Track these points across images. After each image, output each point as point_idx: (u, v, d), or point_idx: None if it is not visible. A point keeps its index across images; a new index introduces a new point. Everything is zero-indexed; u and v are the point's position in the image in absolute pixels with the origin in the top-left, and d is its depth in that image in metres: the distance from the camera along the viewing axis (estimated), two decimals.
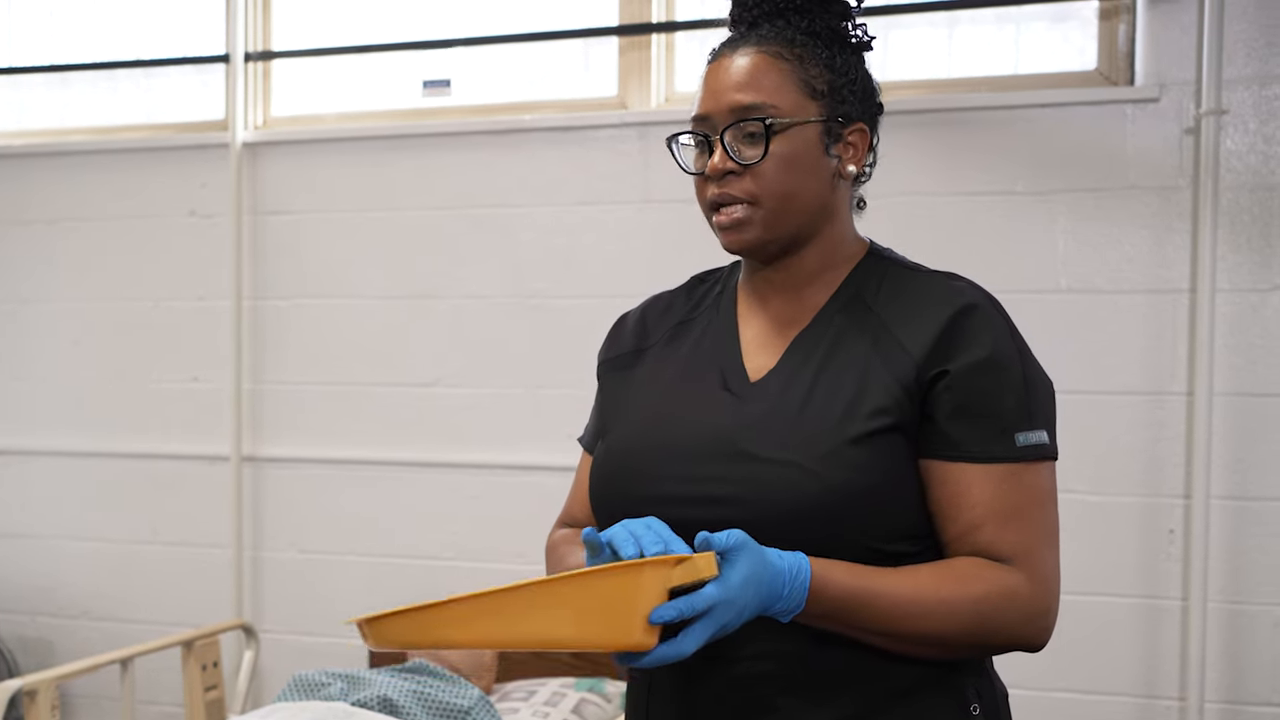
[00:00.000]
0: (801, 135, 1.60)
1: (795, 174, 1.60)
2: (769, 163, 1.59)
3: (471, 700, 2.89)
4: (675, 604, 1.33)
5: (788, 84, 1.60)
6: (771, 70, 1.61)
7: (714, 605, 1.35)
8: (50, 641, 4.30)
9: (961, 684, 1.60)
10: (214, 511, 4.12)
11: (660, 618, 1.32)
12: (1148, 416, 3.37)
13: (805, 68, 1.62)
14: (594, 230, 3.79)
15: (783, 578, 1.41)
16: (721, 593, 1.35)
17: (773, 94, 1.60)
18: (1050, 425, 1.61)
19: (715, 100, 1.62)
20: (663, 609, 1.32)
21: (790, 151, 1.60)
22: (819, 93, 1.61)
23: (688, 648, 1.35)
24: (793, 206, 1.61)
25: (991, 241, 3.47)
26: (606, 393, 1.82)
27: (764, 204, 1.60)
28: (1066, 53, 3.58)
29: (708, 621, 1.35)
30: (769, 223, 1.61)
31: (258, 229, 4.11)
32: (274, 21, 4.22)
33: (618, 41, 3.91)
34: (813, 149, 1.61)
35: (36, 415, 4.34)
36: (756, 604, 1.39)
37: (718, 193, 1.62)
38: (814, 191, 1.63)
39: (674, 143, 1.68)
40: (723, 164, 1.60)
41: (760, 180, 1.60)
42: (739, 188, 1.60)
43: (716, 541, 1.37)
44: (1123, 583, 3.40)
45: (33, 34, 4.52)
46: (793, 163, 1.60)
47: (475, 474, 3.87)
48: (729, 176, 1.61)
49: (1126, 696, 3.39)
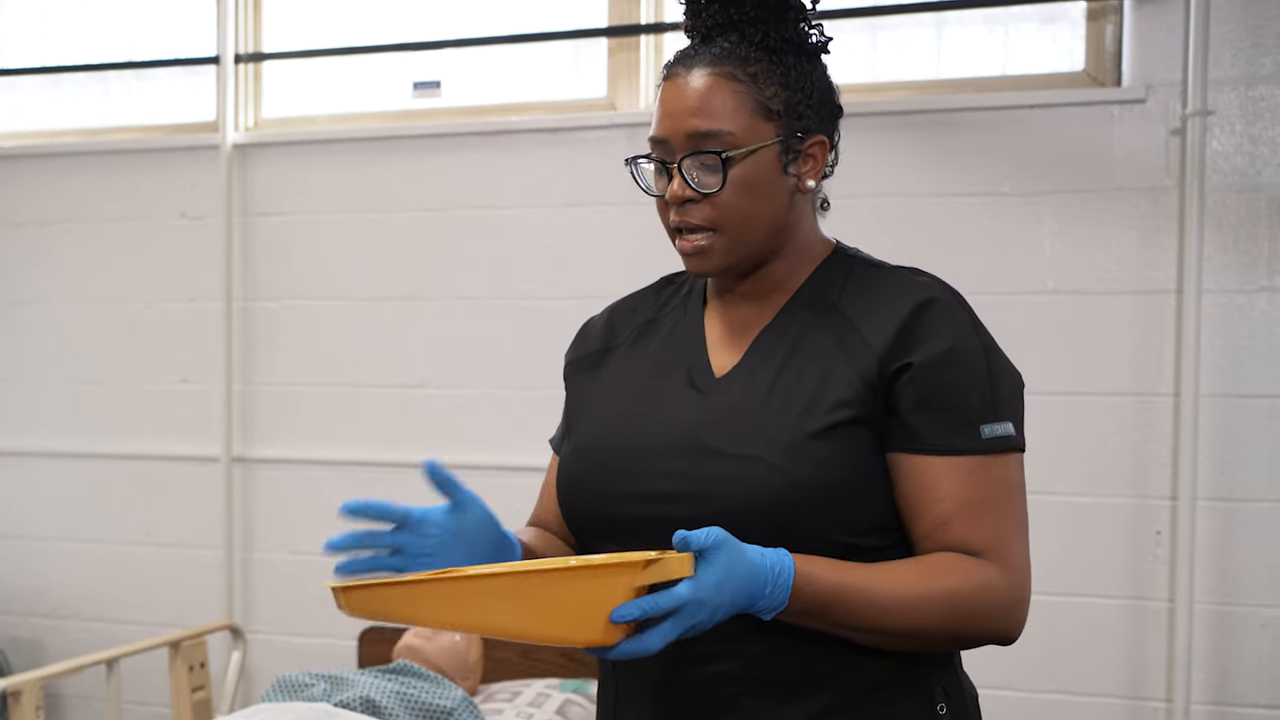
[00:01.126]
0: (758, 159, 1.60)
1: (754, 198, 1.60)
2: (727, 191, 1.59)
3: (454, 701, 2.89)
4: (639, 602, 1.33)
5: (743, 107, 1.59)
6: (727, 94, 1.59)
7: (683, 604, 1.35)
8: (42, 642, 4.30)
9: (928, 683, 1.61)
10: (205, 513, 4.12)
11: (622, 617, 1.32)
12: (1134, 418, 3.37)
13: (760, 88, 1.60)
14: (583, 231, 3.79)
15: (764, 576, 1.41)
16: (693, 592, 1.35)
17: (728, 119, 1.59)
18: (1017, 417, 1.61)
19: (672, 124, 1.61)
20: (625, 608, 1.32)
21: (748, 177, 1.59)
22: (774, 113, 1.61)
23: (653, 645, 1.35)
24: (753, 229, 1.62)
25: (978, 243, 3.47)
26: (573, 393, 1.84)
27: (725, 230, 1.61)
28: (1055, 54, 3.58)
29: (676, 620, 1.35)
30: (730, 248, 1.62)
31: (248, 231, 4.11)
32: (265, 23, 4.22)
33: (607, 43, 3.91)
34: (770, 171, 1.61)
35: (29, 416, 4.34)
36: (735, 602, 1.39)
37: (678, 219, 1.62)
38: (774, 212, 1.63)
39: (633, 164, 1.68)
40: (682, 191, 1.60)
41: (719, 207, 1.60)
42: (699, 215, 1.61)
43: (695, 540, 1.37)
44: (1109, 584, 3.39)
45: (24, 36, 4.52)
46: (751, 188, 1.60)
47: (465, 475, 3.76)
48: (688, 204, 1.61)
49: (1113, 698, 3.38)
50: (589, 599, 1.32)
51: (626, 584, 1.33)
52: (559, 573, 1.34)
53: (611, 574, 1.32)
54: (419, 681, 2.96)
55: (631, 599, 1.33)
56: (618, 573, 1.32)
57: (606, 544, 1.63)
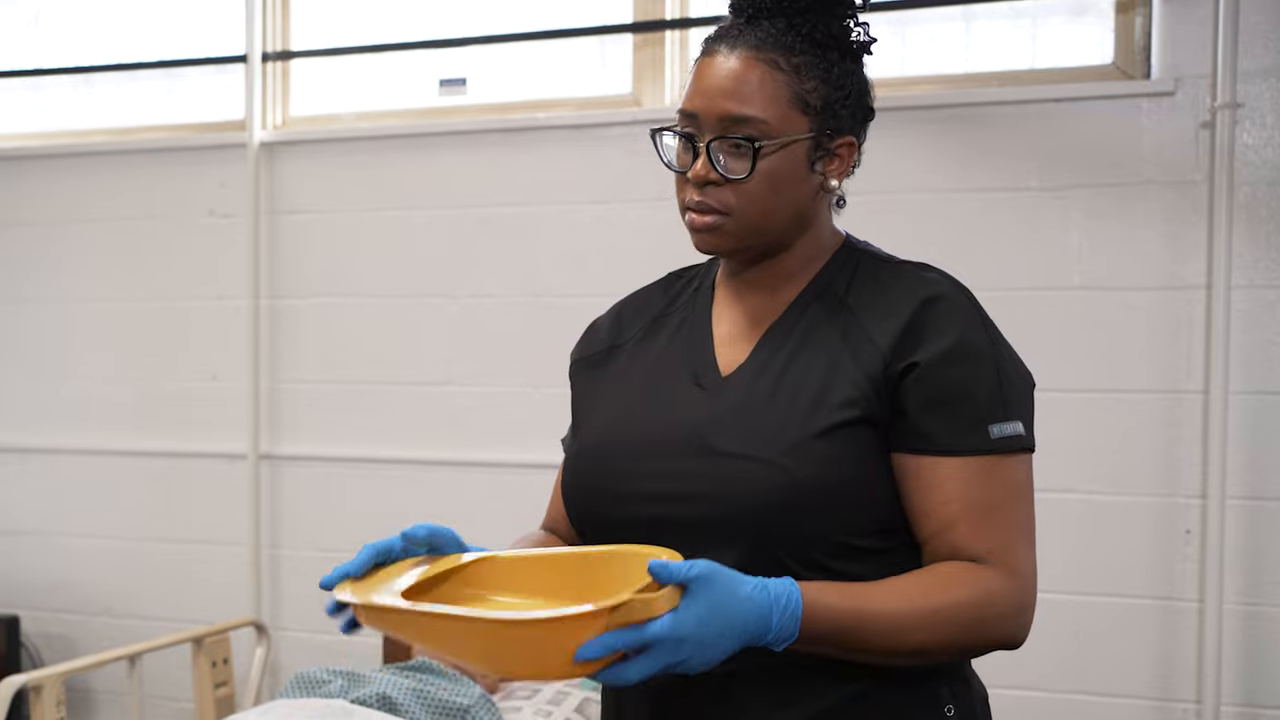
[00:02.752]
0: (788, 153, 1.57)
1: (777, 191, 1.58)
2: (753, 180, 1.56)
3: (472, 699, 2.88)
4: (605, 639, 1.28)
5: (780, 97, 1.56)
6: (766, 80, 1.56)
7: (658, 641, 1.30)
8: (73, 638, 4.33)
9: (935, 684, 1.59)
10: (232, 509, 4.14)
11: (584, 657, 1.27)
12: (1163, 415, 3.32)
13: (801, 80, 1.57)
14: (607, 229, 3.78)
15: (768, 607, 1.37)
16: (668, 630, 1.30)
17: (764, 107, 1.55)
18: (1027, 416, 1.58)
19: (705, 102, 1.58)
20: (588, 647, 1.27)
21: (775, 169, 1.57)
22: (812, 108, 1.58)
23: (629, 676, 1.31)
24: (770, 220, 1.59)
25: (1005, 238, 3.43)
26: (579, 391, 1.81)
27: (739, 216, 1.58)
28: (1083, 47, 3.54)
29: (653, 657, 1.31)
30: (740, 234, 1.60)
31: (275, 228, 4.12)
32: (293, 21, 4.23)
33: (632, 39, 3.90)
34: (798, 166, 1.58)
35: (58, 413, 4.37)
36: (733, 636, 1.35)
37: (696, 199, 1.59)
38: (794, 206, 1.60)
39: (658, 136, 1.65)
40: (705, 173, 1.58)
41: (740, 195, 1.57)
42: (717, 198, 1.58)
43: (676, 572, 1.32)
44: (1138, 583, 3.35)
45: (55, 36, 4.55)
46: (776, 180, 1.57)
47: (489, 472, 3.87)
48: (709, 186, 1.58)
49: (1141, 699, 3.34)
50: (553, 645, 1.28)
51: (587, 631, 1.28)
52: (516, 624, 1.29)
53: (571, 624, 1.28)
54: (437, 679, 2.96)
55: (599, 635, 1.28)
56: (579, 622, 1.28)
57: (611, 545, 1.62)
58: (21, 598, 4.38)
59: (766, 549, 1.50)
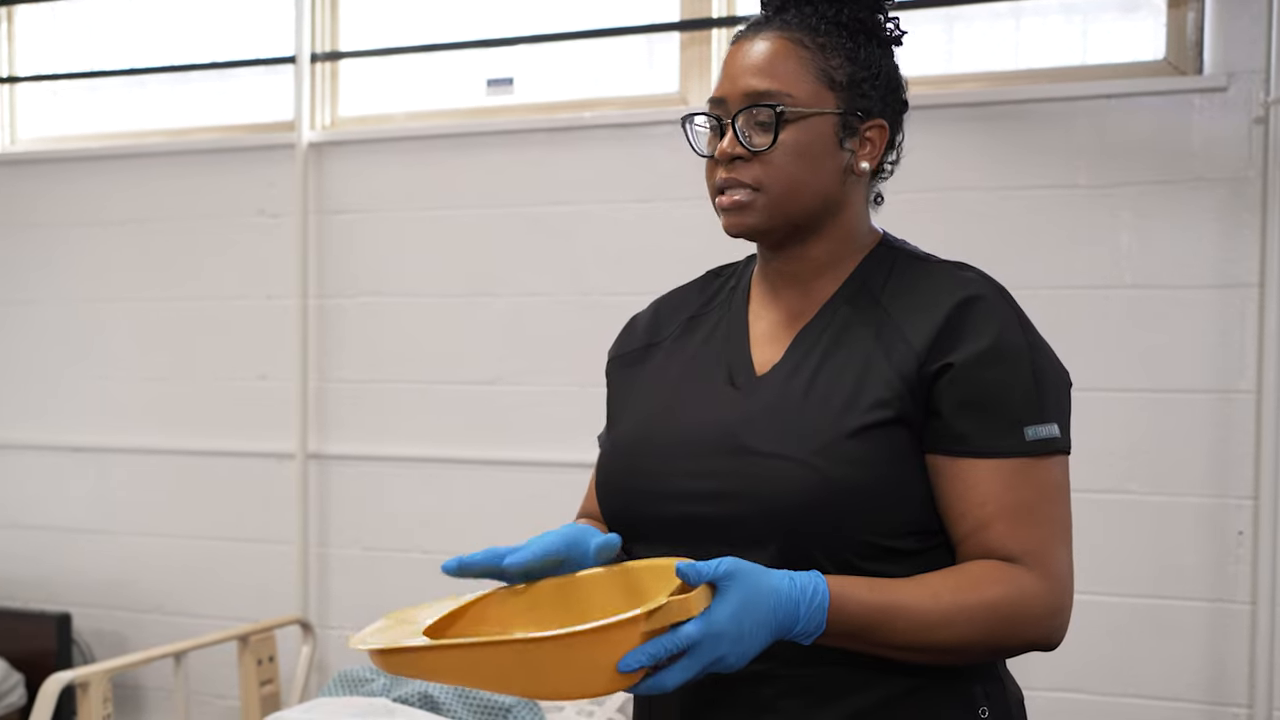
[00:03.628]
0: (814, 126, 1.57)
1: (803, 164, 1.57)
2: (778, 151, 1.56)
3: (514, 698, 2.88)
4: (646, 648, 1.29)
5: (805, 72, 1.58)
6: (790, 57, 1.58)
7: (695, 643, 1.30)
8: (125, 635, 4.37)
9: (969, 685, 1.57)
10: (280, 508, 4.16)
11: (628, 667, 1.28)
12: (1214, 415, 3.28)
13: (826, 57, 1.59)
14: (653, 227, 3.77)
15: (794, 600, 1.37)
16: (704, 628, 1.31)
17: (788, 81, 1.57)
18: (1063, 418, 1.56)
19: (731, 83, 1.60)
20: (631, 656, 1.28)
21: (800, 141, 1.57)
22: (838, 84, 1.58)
23: (669, 683, 1.32)
24: (797, 196, 1.59)
25: (1054, 236, 3.40)
26: (614, 389, 1.81)
27: (767, 191, 1.58)
28: (1135, 43, 3.50)
29: (692, 659, 1.31)
30: (770, 210, 1.59)
31: (323, 228, 4.14)
32: (342, 22, 4.25)
33: (679, 37, 3.89)
34: (825, 141, 1.58)
35: (110, 412, 4.41)
36: (763, 631, 1.35)
37: (724, 177, 1.60)
38: (821, 183, 1.60)
39: (688, 124, 1.66)
40: (731, 148, 1.58)
41: (768, 168, 1.57)
42: (746, 174, 1.58)
43: (704, 571, 1.33)
44: (1189, 585, 3.31)
45: (111, 39, 4.60)
46: (802, 153, 1.57)
47: (537, 471, 3.87)
48: (737, 162, 1.59)
49: (1191, 703, 3.30)
50: (594, 658, 1.28)
51: (626, 639, 1.28)
52: (558, 640, 1.28)
53: (613, 633, 1.28)
54: None
55: (640, 644, 1.29)
56: (620, 630, 1.28)
57: (643, 543, 1.62)
58: (73, 595, 4.43)
59: (799, 549, 1.49)
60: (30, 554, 4.51)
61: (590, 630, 1.27)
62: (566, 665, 1.28)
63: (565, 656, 1.28)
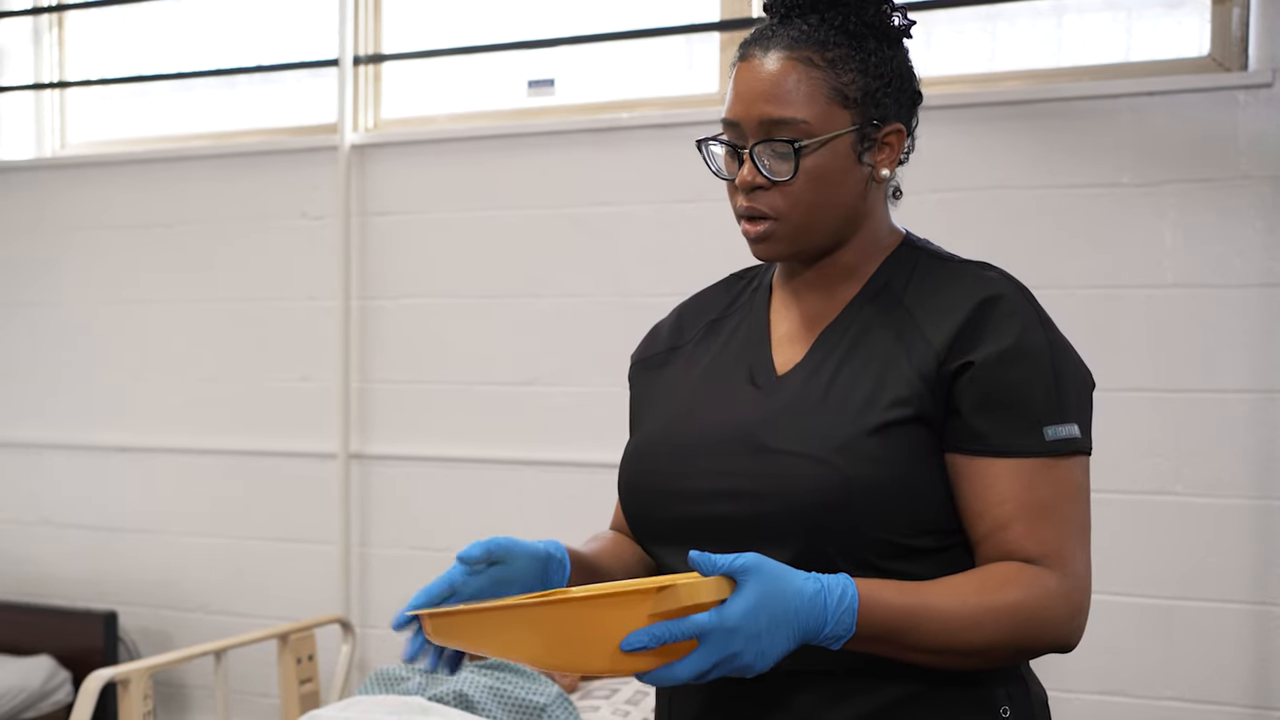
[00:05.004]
0: (832, 149, 1.55)
1: (824, 189, 1.56)
2: (799, 181, 1.55)
3: (549, 698, 2.88)
4: (651, 629, 1.28)
5: (818, 94, 1.55)
6: (802, 79, 1.55)
7: (706, 634, 1.29)
8: (170, 634, 4.41)
9: (990, 685, 1.55)
10: (322, 508, 4.18)
11: (630, 645, 1.27)
12: (1259, 415, 3.23)
13: (838, 74, 1.56)
14: (693, 228, 3.76)
15: (820, 602, 1.36)
16: (716, 620, 1.29)
17: (802, 107, 1.54)
18: (1084, 419, 1.54)
19: (744, 108, 1.57)
20: (635, 636, 1.27)
21: (820, 167, 1.55)
22: (852, 100, 1.56)
23: (680, 674, 1.30)
24: (819, 219, 1.58)
25: (1097, 235, 3.36)
26: (637, 393, 1.82)
27: (788, 220, 1.57)
28: (1179, 39, 3.46)
29: (704, 651, 1.30)
30: (794, 236, 1.58)
31: (366, 230, 4.16)
32: (384, 25, 4.27)
33: (719, 37, 3.88)
34: (844, 161, 1.57)
35: (155, 413, 4.46)
36: (787, 632, 1.34)
37: (746, 205, 1.59)
38: (843, 201, 1.58)
39: (704, 146, 1.64)
40: (752, 178, 1.57)
41: (789, 196, 1.56)
42: (766, 202, 1.57)
43: (720, 562, 1.32)
44: (1232, 588, 3.26)
45: (156, 44, 4.64)
46: (823, 178, 1.56)
47: (576, 472, 3.87)
48: (757, 190, 1.57)
49: (1234, 706, 3.25)
50: (596, 631, 1.28)
51: (635, 613, 1.28)
52: (564, 604, 1.29)
53: (614, 607, 1.27)
54: (515, 677, 2.96)
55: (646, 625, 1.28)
56: (622, 605, 1.28)
57: (665, 546, 1.62)
58: (120, 594, 4.48)
59: (818, 548, 1.48)
60: (77, 553, 4.56)
61: (592, 597, 1.28)
62: (569, 632, 1.28)
63: (568, 622, 1.28)
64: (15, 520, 4.67)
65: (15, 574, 4.64)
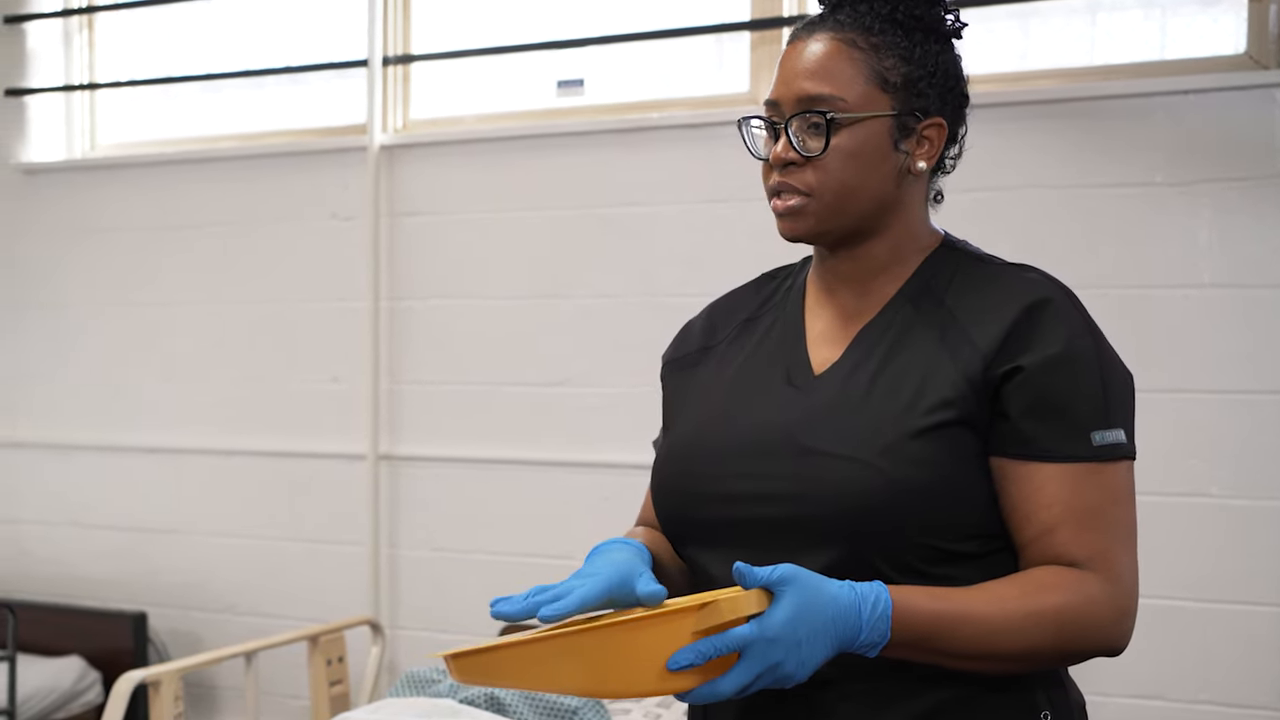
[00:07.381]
0: (868, 130, 1.56)
1: (856, 169, 1.56)
2: (830, 156, 1.55)
3: (580, 700, 2.87)
4: (696, 646, 1.29)
5: (859, 75, 1.56)
6: (843, 59, 1.56)
7: (748, 645, 1.30)
8: (200, 635, 4.41)
9: (1031, 690, 1.54)
10: (352, 509, 4.18)
11: (677, 664, 1.28)
12: None
13: (880, 58, 1.56)
14: (723, 228, 3.75)
15: (856, 609, 1.35)
16: (758, 632, 1.30)
17: (841, 85, 1.55)
18: (1128, 423, 1.54)
19: (785, 86, 1.58)
20: (682, 653, 1.28)
21: (854, 146, 1.55)
22: (892, 85, 1.56)
23: (725, 689, 1.31)
24: (851, 200, 1.57)
25: (1131, 235, 3.34)
26: (669, 393, 1.81)
27: (819, 196, 1.57)
28: (1215, 37, 3.43)
29: (746, 664, 1.30)
30: (824, 215, 1.58)
31: (395, 231, 4.16)
32: (413, 25, 4.27)
33: (749, 37, 3.87)
34: (879, 144, 1.56)
35: (185, 414, 4.46)
36: (824, 640, 1.33)
37: (778, 181, 1.59)
38: (875, 186, 1.58)
39: (744, 125, 1.65)
40: (785, 153, 1.57)
41: (820, 173, 1.56)
42: (798, 178, 1.57)
43: (759, 575, 1.32)
44: (1269, 591, 3.23)
45: (186, 45, 4.65)
46: (855, 157, 1.56)
47: (607, 473, 3.86)
48: (790, 166, 1.57)
49: (1270, 710, 3.22)
50: (642, 654, 1.27)
51: (684, 630, 1.28)
52: (608, 629, 1.28)
53: (660, 627, 1.27)
54: None
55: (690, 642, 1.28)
56: (668, 625, 1.27)
57: (699, 548, 1.60)
58: (150, 595, 4.48)
59: (860, 552, 1.47)
60: (108, 554, 4.57)
61: (636, 620, 1.27)
62: (616, 660, 1.27)
63: (614, 651, 1.27)
64: (45, 521, 4.68)
65: (45, 575, 4.65)
